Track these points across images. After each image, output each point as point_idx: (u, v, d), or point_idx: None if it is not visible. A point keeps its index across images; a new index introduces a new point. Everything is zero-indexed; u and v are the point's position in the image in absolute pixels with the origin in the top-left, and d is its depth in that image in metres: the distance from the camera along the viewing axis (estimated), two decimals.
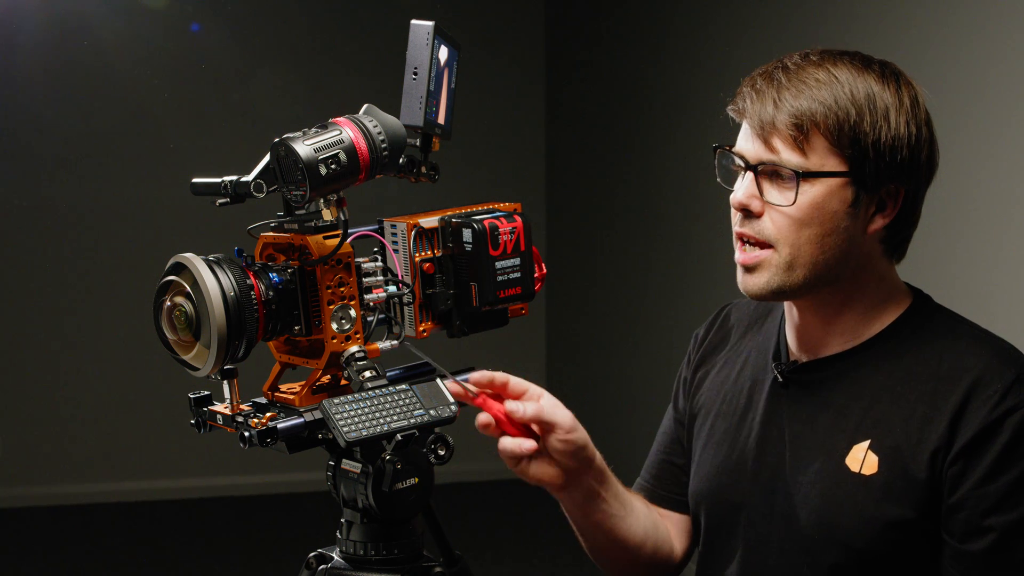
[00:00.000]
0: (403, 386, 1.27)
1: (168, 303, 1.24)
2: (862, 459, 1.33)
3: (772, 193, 1.33)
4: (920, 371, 1.34)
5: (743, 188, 1.35)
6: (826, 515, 1.35)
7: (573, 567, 4.32)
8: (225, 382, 1.28)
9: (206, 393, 1.32)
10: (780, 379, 1.44)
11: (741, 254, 1.37)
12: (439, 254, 1.36)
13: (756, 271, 1.35)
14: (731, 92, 1.39)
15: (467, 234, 1.34)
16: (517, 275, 1.37)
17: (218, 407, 1.30)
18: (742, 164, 1.36)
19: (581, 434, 1.33)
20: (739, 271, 1.38)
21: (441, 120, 1.34)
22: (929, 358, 1.35)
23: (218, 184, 1.26)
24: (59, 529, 4.87)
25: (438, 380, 1.30)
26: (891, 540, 1.31)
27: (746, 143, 1.36)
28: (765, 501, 1.42)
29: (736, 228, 1.37)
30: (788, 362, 1.45)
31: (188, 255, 1.22)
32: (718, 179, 1.41)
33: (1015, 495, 1.27)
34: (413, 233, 1.33)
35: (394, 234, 1.34)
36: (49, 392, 5.12)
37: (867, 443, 1.34)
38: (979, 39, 2.60)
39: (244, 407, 1.29)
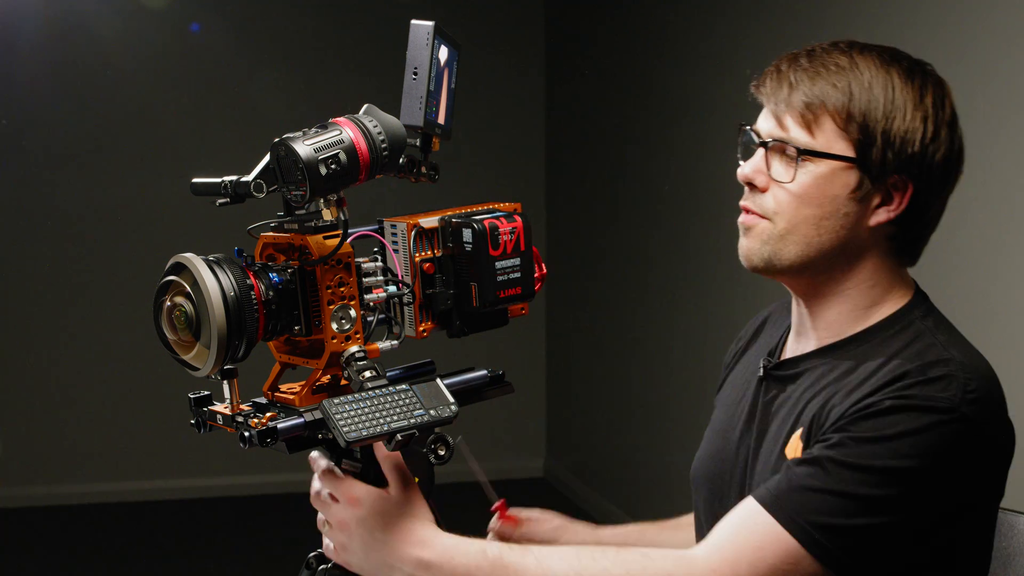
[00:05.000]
0: (403, 386, 1.27)
1: (168, 303, 1.24)
2: (795, 447, 1.35)
3: (778, 169, 1.35)
4: (866, 368, 1.33)
5: (751, 163, 1.38)
6: None
7: None
8: (225, 382, 1.28)
9: (206, 393, 1.32)
10: (761, 374, 1.47)
11: (743, 216, 1.40)
12: (439, 254, 1.36)
13: (750, 233, 1.38)
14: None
15: (467, 234, 1.34)
16: (517, 275, 1.37)
17: (218, 407, 1.30)
18: (757, 141, 1.39)
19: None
20: (740, 237, 1.41)
21: (441, 120, 1.34)
22: (883, 359, 1.32)
23: (218, 184, 1.26)
24: (59, 529, 4.87)
25: (437, 380, 1.30)
26: None
27: (762, 121, 1.39)
28: (738, 490, 1.46)
29: (742, 202, 1.40)
30: (773, 358, 1.48)
31: (188, 255, 1.22)
32: (738, 156, 1.43)
33: (860, 446, 1.24)
34: (413, 233, 1.33)
35: (394, 234, 1.34)
36: (49, 392, 5.12)
37: (800, 431, 1.36)
38: (980, 39, 2.60)
39: (244, 407, 1.29)
